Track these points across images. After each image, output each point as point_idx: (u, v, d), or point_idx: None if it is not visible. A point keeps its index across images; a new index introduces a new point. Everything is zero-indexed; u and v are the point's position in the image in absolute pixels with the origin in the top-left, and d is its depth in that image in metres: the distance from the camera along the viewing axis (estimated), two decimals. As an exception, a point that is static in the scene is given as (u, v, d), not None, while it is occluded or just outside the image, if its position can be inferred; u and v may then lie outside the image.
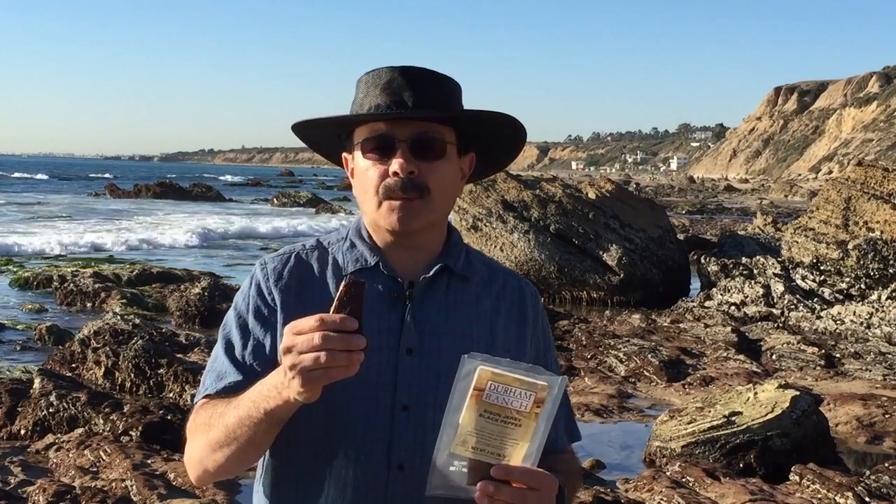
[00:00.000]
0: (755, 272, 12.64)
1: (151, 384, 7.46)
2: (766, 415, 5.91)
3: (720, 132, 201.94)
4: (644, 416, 7.11)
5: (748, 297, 11.84)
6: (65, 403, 6.38)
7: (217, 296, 11.33)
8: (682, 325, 10.74)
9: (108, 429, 6.10)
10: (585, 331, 10.19)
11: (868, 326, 10.23)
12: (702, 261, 14.11)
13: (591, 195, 14.99)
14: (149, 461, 5.36)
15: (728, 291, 12.11)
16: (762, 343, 9.58)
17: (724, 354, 8.98)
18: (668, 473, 5.38)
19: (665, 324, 10.98)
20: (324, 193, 54.24)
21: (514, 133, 1.70)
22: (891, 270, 11.90)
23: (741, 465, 5.68)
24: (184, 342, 8.58)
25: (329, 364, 1.29)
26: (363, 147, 1.59)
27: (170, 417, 6.25)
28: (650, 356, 8.62)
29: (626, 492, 5.15)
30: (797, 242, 14.00)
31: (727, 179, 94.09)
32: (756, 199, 51.50)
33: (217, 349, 1.62)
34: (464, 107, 1.65)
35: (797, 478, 5.21)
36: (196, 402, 1.60)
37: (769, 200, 49.41)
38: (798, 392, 6.25)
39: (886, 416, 6.84)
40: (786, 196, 55.40)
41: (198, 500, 4.77)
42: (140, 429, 6.01)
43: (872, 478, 5.14)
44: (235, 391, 1.52)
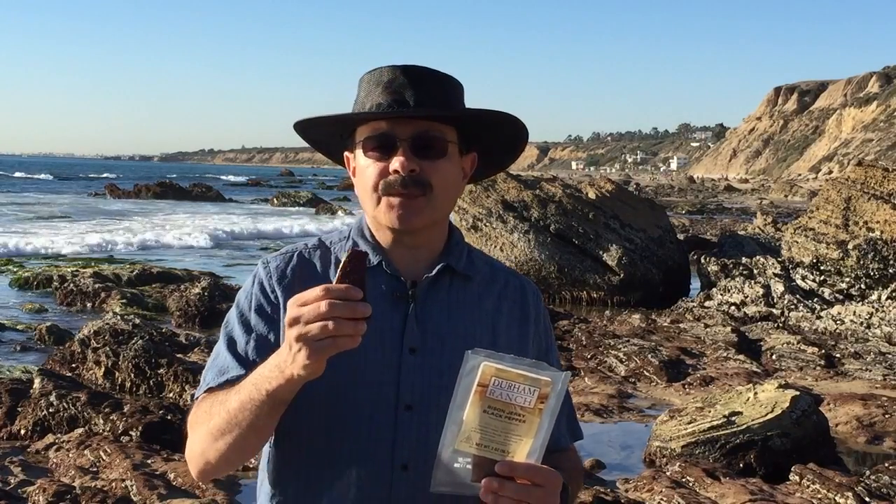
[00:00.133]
0: (755, 272, 12.64)
1: (151, 384, 7.47)
2: (766, 415, 5.91)
3: (720, 132, 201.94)
4: (644, 416, 7.11)
5: (748, 297, 11.85)
6: (65, 403, 6.38)
7: (217, 296, 11.33)
8: (682, 325, 10.74)
9: (108, 429, 6.10)
10: (585, 331, 10.19)
11: (868, 326, 10.23)
12: (702, 261, 14.11)
13: (591, 195, 14.99)
14: (149, 461, 5.36)
15: (728, 291, 12.11)
16: (762, 343, 9.58)
17: (724, 354, 8.98)
18: (668, 473, 5.38)
19: (665, 324, 10.98)
20: (324, 193, 54.27)
21: (516, 133, 1.69)
22: (891, 270, 11.90)
23: (741, 465, 5.68)
24: (184, 342, 8.58)
25: (337, 332, 1.29)
26: (364, 146, 1.59)
27: (170, 417, 6.25)
28: (650, 356, 8.62)
29: (626, 492, 5.15)
30: (797, 242, 14.00)
31: (727, 179, 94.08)
32: (756, 199, 51.51)
33: (219, 346, 1.62)
34: (466, 106, 1.65)
35: (797, 478, 5.21)
36: (197, 398, 1.59)
37: (769, 200, 49.41)
38: (798, 392, 6.25)
39: (886, 416, 6.84)
40: (786, 196, 55.40)
41: (198, 501, 4.77)
42: (140, 429, 6.01)
43: (872, 478, 5.14)
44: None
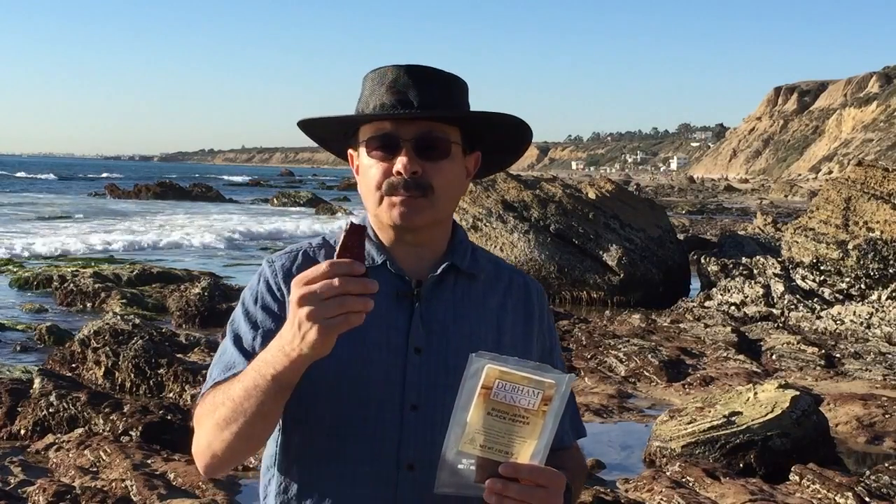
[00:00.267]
0: (755, 272, 12.64)
1: (151, 384, 7.47)
2: (766, 415, 5.91)
3: (720, 132, 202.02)
4: (644, 416, 7.11)
5: (748, 297, 11.84)
6: (65, 403, 6.38)
7: (217, 296, 11.34)
8: (682, 325, 10.74)
9: (108, 429, 6.10)
10: (585, 331, 10.19)
11: (868, 326, 10.23)
12: (702, 261, 14.11)
13: (591, 195, 14.98)
14: (149, 461, 5.35)
15: (728, 291, 12.11)
16: (762, 343, 9.58)
17: (724, 354, 8.98)
18: (668, 473, 5.38)
19: (665, 324, 10.98)
20: (324, 193, 54.29)
21: (521, 134, 1.69)
22: (891, 270, 11.90)
23: (741, 465, 5.68)
24: (184, 342, 8.58)
25: (350, 308, 1.29)
26: (368, 145, 1.59)
27: (170, 417, 6.25)
28: (650, 356, 8.62)
29: (626, 492, 5.15)
30: (797, 242, 13.99)
31: (727, 179, 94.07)
32: (756, 199, 51.51)
33: (225, 342, 1.61)
34: (470, 105, 1.65)
35: (797, 478, 5.21)
36: (202, 394, 1.58)
37: (769, 200, 49.43)
38: (798, 392, 6.25)
39: (886, 416, 6.84)
40: (786, 196, 55.40)
41: (198, 501, 4.77)
42: (140, 429, 6.01)
43: (872, 478, 5.14)
44: None
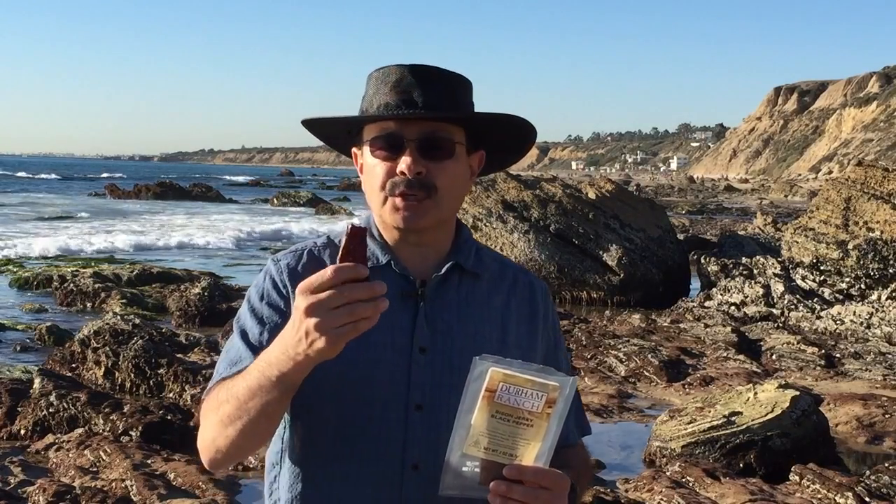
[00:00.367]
0: (755, 272, 12.64)
1: (151, 384, 7.47)
2: (766, 415, 5.91)
3: (720, 132, 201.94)
4: (644, 416, 7.11)
5: (748, 297, 11.84)
6: (65, 403, 6.38)
7: (217, 296, 11.34)
8: (682, 325, 10.74)
9: (108, 429, 6.10)
10: (585, 331, 10.19)
11: (868, 326, 10.23)
12: (702, 261, 14.11)
13: (591, 195, 14.98)
14: (149, 461, 5.35)
15: (728, 291, 12.11)
16: (762, 343, 9.58)
17: (724, 354, 8.98)
18: (668, 473, 5.38)
19: (665, 324, 10.98)
20: (324, 193, 54.29)
21: (525, 134, 1.69)
22: (891, 270, 11.90)
23: (741, 465, 5.68)
24: (184, 342, 8.58)
25: (359, 315, 1.28)
26: (372, 145, 1.59)
27: (170, 417, 6.25)
28: (650, 356, 8.62)
29: (626, 492, 5.15)
30: (797, 242, 13.99)
31: (727, 179, 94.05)
32: (756, 199, 51.52)
33: (232, 339, 1.61)
34: (474, 104, 1.65)
35: (797, 478, 5.21)
36: (209, 388, 1.58)
37: (769, 200, 49.43)
38: (798, 392, 6.25)
39: (886, 416, 6.84)
40: (786, 196, 55.41)
41: (198, 501, 4.77)
42: (140, 429, 6.01)
43: (872, 478, 5.14)
44: None
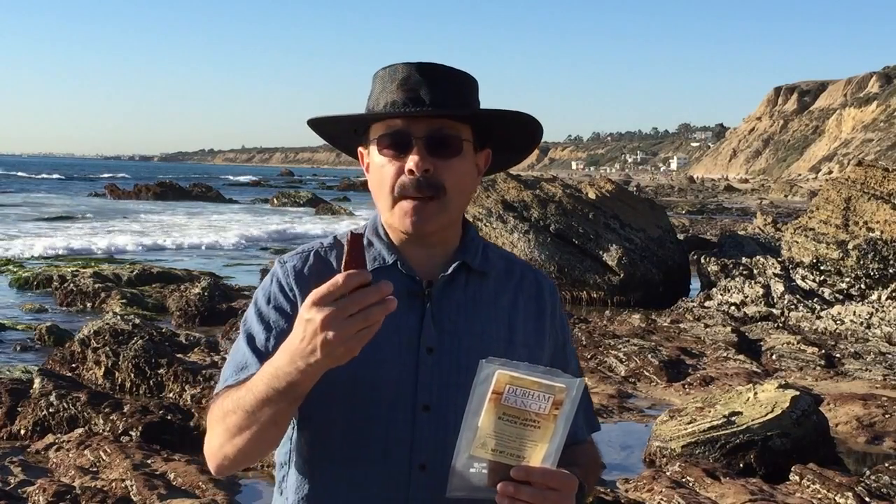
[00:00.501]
0: (755, 272, 12.64)
1: (151, 384, 7.46)
2: (766, 415, 5.91)
3: (720, 132, 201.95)
4: (644, 416, 7.11)
5: (748, 297, 11.84)
6: (65, 403, 6.38)
7: (217, 296, 11.34)
8: (682, 325, 10.74)
9: (108, 429, 6.10)
10: (585, 331, 10.19)
11: (868, 326, 10.23)
12: (702, 261, 14.11)
13: (591, 195, 14.98)
14: (149, 461, 5.35)
15: (728, 291, 12.11)
16: (762, 343, 9.57)
17: (724, 354, 8.98)
18: (668, 473, 5.38)
19: (665, 324, 10.97)
20: (324, 193, 54.30)
21: (532, 131, 1.68)
22: (891, 270, 11.90)
23: (741, 465, 5.68)
24: (184, 342, 8.58)
25: (374, 319, 1.28)
26: (379, 143, 1.58)
27: (170, 417, 6.25)
28: (650, 356, 8.62)
29: (626, 492, 5.15)
30: (797, 242, 13.99)
31: (727, 179, 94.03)
32: (756, 199, 51.51)
33: (238, 343, 1.61)
34: (480, 103, 1.64)
35: (797, 478, 5.21)
36: (216, 393, 1.58)
37: (769, 200, 49.43)
38: (798, 392, 6.25)
39: (886, 416, 6.84)
40: (786, 196, 55.41)
41: (198, 501, 4.77)
42: (140, 429, 6.01)
43: (872, 478, 5.14)
44: None
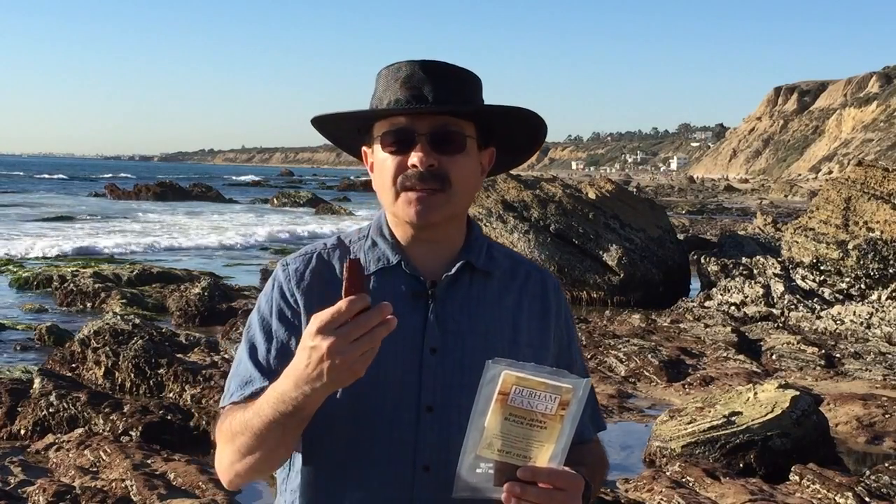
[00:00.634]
0: (755, 272, 12.64)
1: (151, 384, 7.46)
2: (766, 415, 5.91)
3: (720, 132, 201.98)
4: (644, 416, 7.11)
5: (748, 297, 11.84)
6: (65, 403, 6.38)
7: (217, 296, 11.34)
8: (682, 325, 10.74)
9: (108, 429, 6.10)
10: (585, 331, 10.19)
11: (868, 326, 10.23)
12: (702, 261, 14.11)
13: (591, 195, 14.98)
14: (149, 461, 5.35)
15: (728, 291, 12.11)
16: (762, 343, 9.58)
17: (724, 354, 8.98)
18: (668, 473, 5.38)
19: (665, 324, 10.98)
20: (324, 193, 54.31)
21: (536, 128, 1.67)
22: (891, 270, 11.90)
23: (741, 465, 5.68)
24: (184, 342, 8.58)
25: (379, 339, 1.31)
26: (383, 141, 1.58)
27: (170, 417, 6.25)
28: (650, 356, 8.62)
29: (626, 492, 5.15)
30: (797, 242, 13.99)
31: (727, 179, 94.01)
32: (756, 199, 51.51)
33: (241, 352, 1.60)
34: (484, 100, 1.64)
35: (797, 478, 5.21)
36: (222, 408, 1.59)
37: (769, 200, 49.43)
38: (798, 392, 6.25)
39: (886, 416, 6.84)
40: (786, 196, 55.40)
41: (198, 501, 4.77)
42: (140, 429, 6.01)
43: (872, 478, 5.14)
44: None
